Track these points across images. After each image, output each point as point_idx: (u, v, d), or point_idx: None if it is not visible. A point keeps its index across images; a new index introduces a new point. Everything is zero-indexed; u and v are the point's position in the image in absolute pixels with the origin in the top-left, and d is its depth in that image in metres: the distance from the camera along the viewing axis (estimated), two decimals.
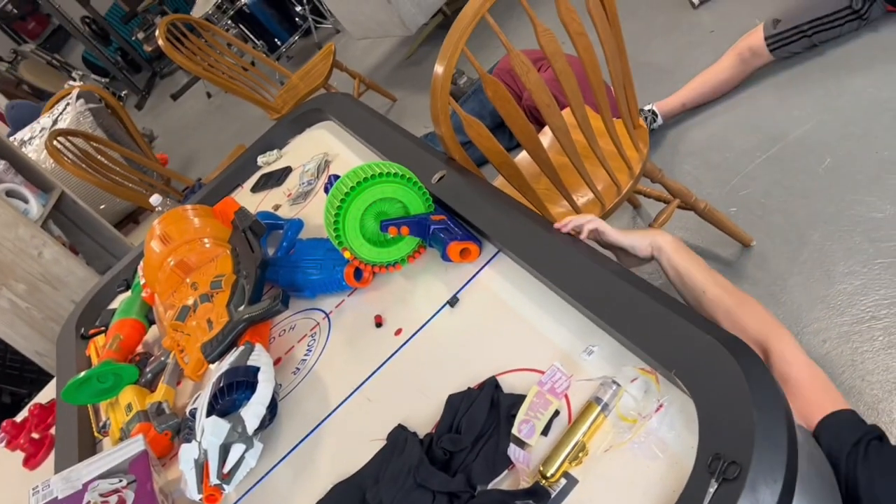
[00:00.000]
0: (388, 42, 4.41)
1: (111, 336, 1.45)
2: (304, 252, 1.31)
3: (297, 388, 1.15)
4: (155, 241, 1.37)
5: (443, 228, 1.14)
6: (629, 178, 1.57)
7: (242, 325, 1.19)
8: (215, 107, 5.89)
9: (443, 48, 1.25)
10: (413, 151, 1.39)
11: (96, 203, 3.74)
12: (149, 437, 1.18)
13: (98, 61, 7.51)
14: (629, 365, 0.81)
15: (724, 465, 0.64)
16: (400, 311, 1.14)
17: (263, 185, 1.79)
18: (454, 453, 0.85)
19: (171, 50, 3.24)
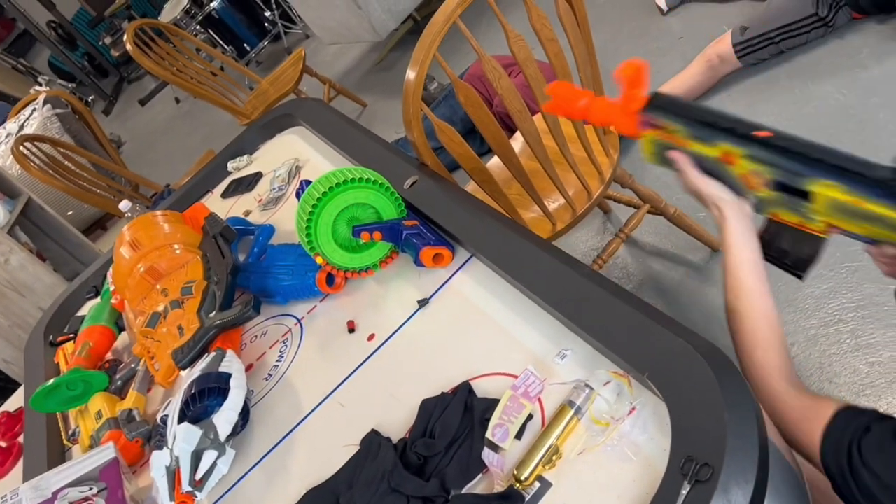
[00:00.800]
0: (358, 47, 4.40)
1: (80, 343, 1.43)
2: (276, 258, 1.30)
3: (269, 394, 1.14)
4: (124, 247, 1.35)
5: (415, 233, 1.14)
6: (599, 183, 1.58)
7: (213, 331, 1.18)
8: (184, 112, 5.83)
9: (415, 53, 1.26)
10: (385, 157, 1.39)
11: (64, 209, 3.68)
12: (119, 444, 1.16)
13: (65, 66, 7.38)
14: (602, 368, 0.81)
15: (696, 468, 0.65)
16: (372, 317, 1.14)
17: (234, 190, 1.78)
18: (428, 458, 0.85)
19: (139, 55, 3.20)
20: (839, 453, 0.74)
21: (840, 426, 0.76)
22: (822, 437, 0.77)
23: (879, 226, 0.76)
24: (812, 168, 0.79)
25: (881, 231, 0.77)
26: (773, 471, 0.66)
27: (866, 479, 0.71)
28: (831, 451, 0.76)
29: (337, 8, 3.60)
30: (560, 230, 1.57)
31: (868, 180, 0.74)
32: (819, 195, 0.80)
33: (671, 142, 0.92)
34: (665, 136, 0.92)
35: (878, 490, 0.71)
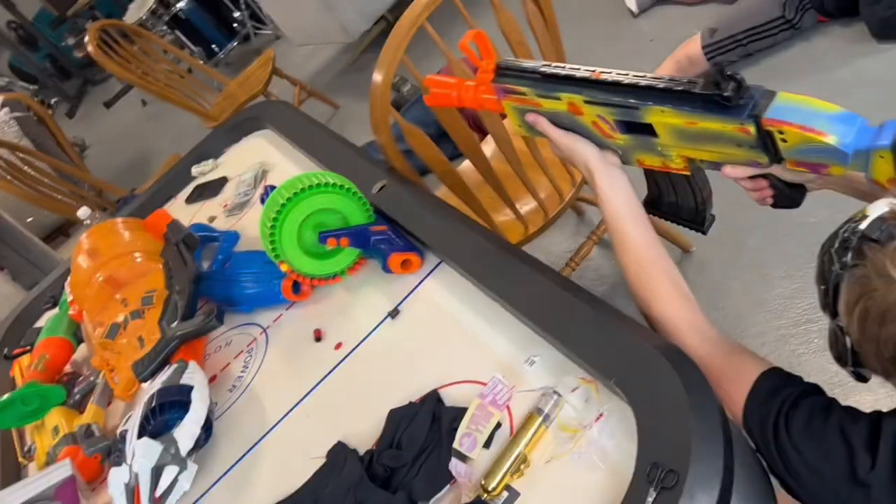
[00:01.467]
0: (330, 49, 4.37)
1: (37, 356, 1.39)
2: (241, 265, 1.27)
3: (233, 407, 1.12)
4: (82, 256, 1.31)
5: (384, 239, 1.12)
6: (571, 185, 1.58)
7: (175, 342, 1.14)
8: (150, 115, 5.74)
9: (381, 57, 1.24)
10: (353, 161, 1.37)
11: (23, 216, 3.59)
12: (77, 460, 1.12)
13: (26, 68, 7.22)
14: (570, 374, 0.81)
15: (662, 474, 0.64)
16: (340, 325, 1.12)
17: (198, 196, 1.74)
18: (395, 469, 0.83)
19: (102, 57, 3.14)
20: (765, 425, 0.73)
21: (765, 394, 0.75)
22: (746, 404, 0.75)
23: (724, 145, 0.75)
24: (641, 97, 0.78)
25: (728, 150, 0.75)
26: (738, 473, 0.66)
27: (794, 460, 0.71)
28: (756, 420, 0.74)
29: (307, 9, 3.56)
30: (532, 233, 1.56)
31: (691, 95, 0.73)
32: (658, 125, 0.79)
33: (527, 105, 0.91)
34: (521, 101, 0.91)
35: (802, 469, 0.70)
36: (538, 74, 0.87)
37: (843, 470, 0.67)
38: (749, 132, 0.70)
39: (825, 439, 0.69)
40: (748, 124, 0.70)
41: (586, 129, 0.88)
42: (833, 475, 0.68)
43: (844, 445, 0.68)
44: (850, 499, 0.67)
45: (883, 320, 0.63)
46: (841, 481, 0.67)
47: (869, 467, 0.65)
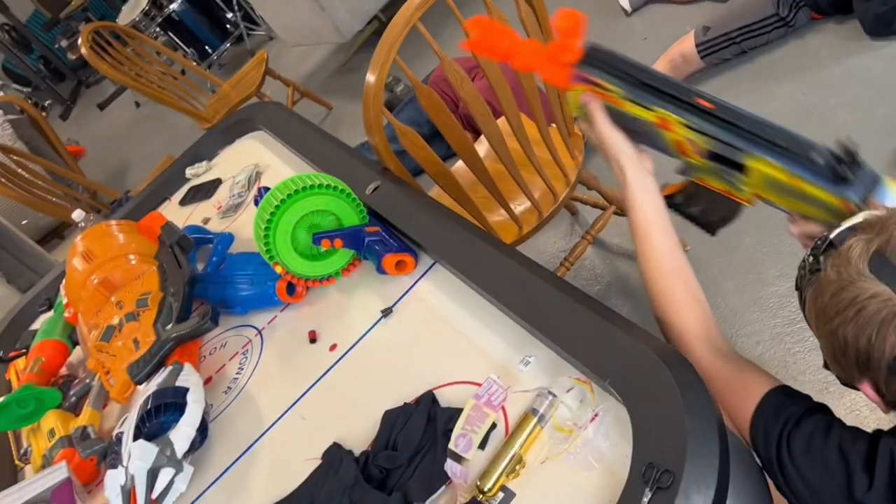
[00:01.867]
0: (323, 49, 4.36)
1: (32, 358, 1.39)
2: (235, 267, 1.27)
3: (228, 408, 1.12)
4: (77, 259, 1.31)
5: (377, 240, 1.12)
6: (565, 185, 1.58)
7: (170, 344, 1.14)
8: (144, 116, 5.73)
9: (374, 58, 1.24)
10: (347, 161, 1.37)
11: (17, 218, 3.58)
12: (73, 463, 1.12)
13: (19, 70, 7.20)
14: (565, 375, 0.81)
15: (657, 474, 0.64)
16: (335, 326, 1.12)
17: (192, 197, 1.74)
18: (391, 471, 0.83)
19: (95, 59, 3.13)
20: (769, 442, 0.74)
21: (770, 412, 0.76)
22: (752, 420, 0.77)
23: (810, 205, 0.76)
24: (754, 144, 0.78)
25: (810, 209, 0.77)
26: (734, 472, 0.66)
27: (793, 478, 0.72)
28: (761, 437, 0.75)
29: (300, 9, 3.56)
30: (526, 233, 1.56)
31: (810, 163, 0.74)
32: (755, 170, 0.79)
33: (605, 100, 0.88)
34: (598, 94, 0.88)
35: (802, 488, 0.71)
36: (636, 80, 0.84)
37: (840, 490, 0.68)
38: (851, 208, 0.72)
39: (824, 459, 0.70)
40: (854, 202, 0.72)
41: (660, 139, 0.86)
42: (830, 494, 0.69)
43: (843, 465, 0.68)
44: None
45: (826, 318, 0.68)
46: (838, 501, 0.68)
47: (866, 488, 0.66)
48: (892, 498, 0.65)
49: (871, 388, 0.68)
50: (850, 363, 0.67)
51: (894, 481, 0.65)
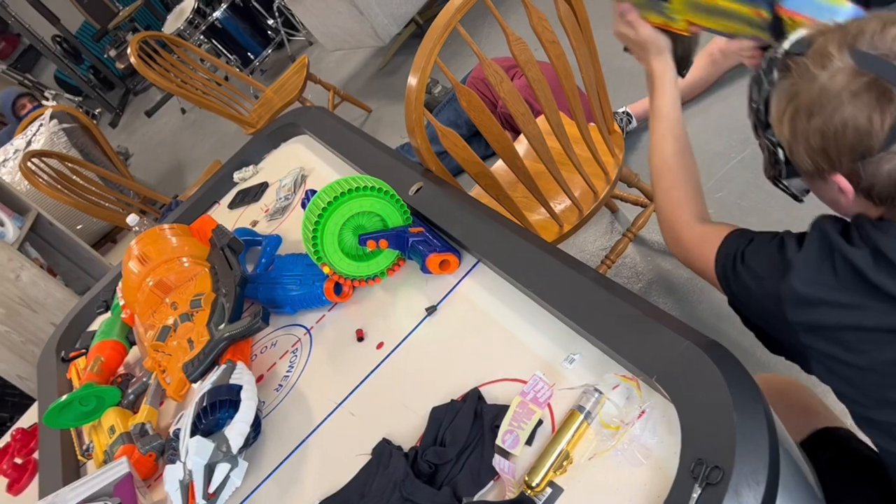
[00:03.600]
0: (361, 53, 4.41)
1: (92, 358, 1.44)
2: (284, 268, 1.31)
3: (280, 405, 1.15)
4: (133, 262, 1.36)
5: (421, 241, 1.14)
6: (605, 183, 1.58)
7: (223, 343, 1.18)
8: (190, 122, 5.86)
9: (415, 60, 1.26)
10: (389, 164, 1.39)
11: (73, 223, 3.70)
12: (133, 458, 1.17)
13: (70, 80, 7.43)
14: (610, 372, 0.81)
15: (706, 470, 0.65)
16: (381, 325, 1.14)
17: (240, 201, 1.78)
18: (439, 466, 0.85)
19: (143, 67, 3.22)
20: (726, 264, 0.85)
21: (730, 243, 0.87)
22: (716, 254, 0.88)
23: (734, 21, 0.81)
24: None
25: (736, 26, 0.82)
26: (783, 470, 0.66)
27: (742, 275, 0.82)
28: (721, 264, 0.87)
29: (339, 14, 3.61)
30: (567, 231, 1.57)
31: None
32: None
33: None
34: None
35: (749, 281, 0.82)
36: None
37: (778, 264, 0.78)
38: (763, 16, 0.77)
39: (768, 249, 0.81)
40: (764, 10, 0.77)
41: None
42: (770, 273, 0.79)
43: (780, 243, 0.79)
44: (778, 287, 0.77)
45: (810, 114, 0.73)
46: (775, 273, 0.77)
47: (796, 249, 0.77)
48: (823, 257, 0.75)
49: (845, 179, 0.74)
50: (843, 149, 0.72)
51: (825, 242, 0.75)
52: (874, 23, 0.71)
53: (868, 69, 0.69)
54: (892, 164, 0.71)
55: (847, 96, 0.70)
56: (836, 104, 0.70)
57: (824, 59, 0.72)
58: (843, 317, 0.74)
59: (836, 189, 0.76)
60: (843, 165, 0.73)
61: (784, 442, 0.70)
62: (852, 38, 0.70)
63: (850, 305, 0.73)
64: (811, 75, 0.72)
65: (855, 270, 0.73)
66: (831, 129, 0.72)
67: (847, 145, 0.72)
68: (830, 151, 0.73)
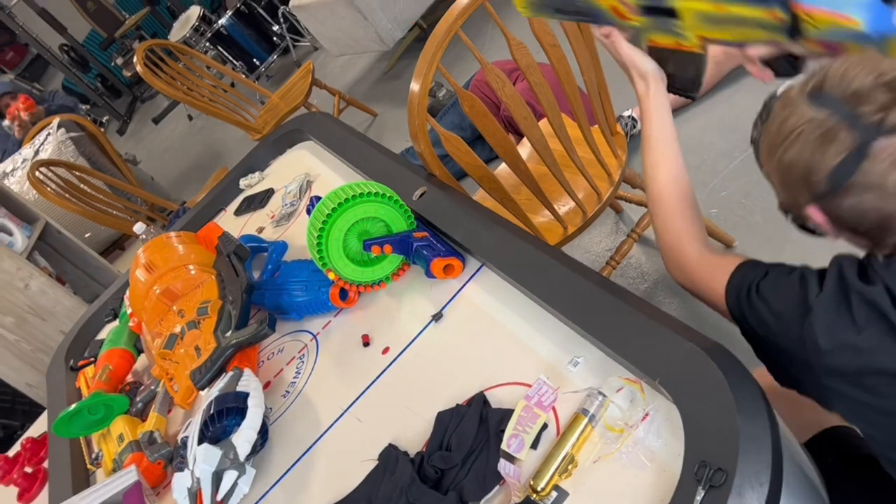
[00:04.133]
0: (366, 57, 4.42)
1: (100, 367, 1.45)
2: (290, 274, 1.31)
3: (287, 412, 1.15)
4: (140, 270, 1.37)
5: (425, 245, 1.15)
6: (609, 185, 1.58)
7: (230, 350, 1.19)
8: (197, 129, 5.88)
9: (417, 66, 1.26)
10: (393, 169, 1.39)
11: (81, 231, 3.71)
12: (141, 467, 1.17)
13: (78, 88, 7.47)
14: (614, 375, 0.82)
15: (710, 473, 0.65)
16: (386, 330, 1.14)
17: (246, 207, 1.79)
18: (445, 471, 0.85)
19: (149, 75, 3.24)
20: (740, 295, 0.83)
21: (742, 274, 0.85)
22: (727, 285, 0.86)
23: (746, 27, 0.79)
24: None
25: (748, 32, 0.80)
26: (787, 471, 0.66)
27: (759, 308, 0.81)
28: (734, 295, 0.85)
29: (343, 20, 3.62)
30: (571, 233, 1.57)
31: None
32: (684, 10, 0.83)
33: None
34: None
35: (768, 315, 0.80)
36: None
37: (798, 303, 0.76)
38: (779, 17, 0.75)
39: (787, 285, 0.79)
40: (779, 10, 0.74)
41: (600, 13, 0.92)
42: (790, 312, 0.77)
43: (800, 283, 0.78)
44: (800, 329, 0.75)
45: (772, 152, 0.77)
46: (795, 314, 0.76)
47: (817, 293, 0.75)
48: (840, 300, 0.74)
49: (819, 211, 0.76)
50: (797, 184, 0.75)
51: (843, 283, 0.74)
52: (839, 66, 0.72)
53: (820, 108, 0.71)
54: (853, 198, 0.71)
55: (794, 136, 0.73)
56: (787, 143, 0.74)
57: (787, 102, 0.75)
58: (864, 361, 0.72)
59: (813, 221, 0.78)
60: (808, 199, 0.76)
61: (787, 443, 0.70)
62: (817, 80, 0.73)
63: (871, 349, 0.72)
64: (776, 116, 0.76)
65: (874, 309, 0.72)
66: (784, 167, 0.75)
67: (798, 181, 0.75)
68: (790, 186, 0.77)
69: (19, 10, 6.52)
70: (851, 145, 0.69)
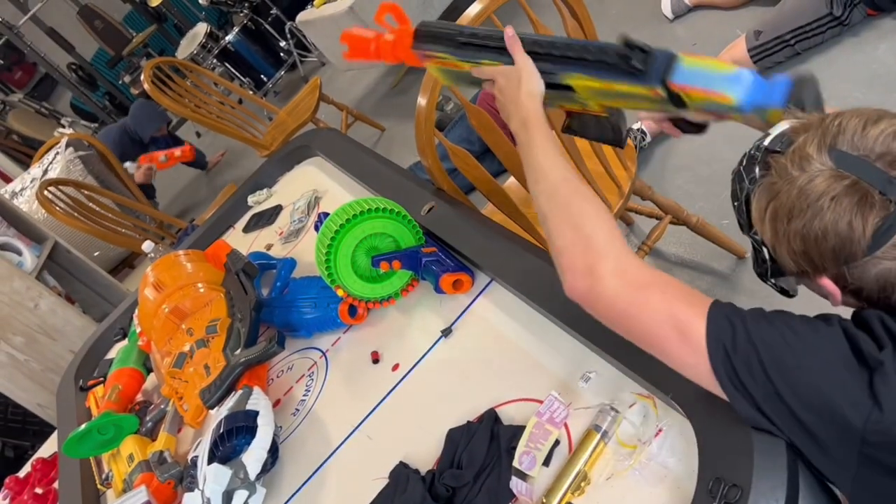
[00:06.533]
0: (373, 72, 4.44)
1: (110, 386, 1.45)
2: (298, 291, 1.31)
3: (297, 430, 1.15)
4: (148, 289, 1.37)
5: (434, 260, 1.14)
6: (619, 197, 1.57)
7: (239, 368, 1.18)
8: (206, 145, 5.91)
9: (424, 80, 1.27)
10: (401, 184, 1.39)
11: (90, 250, 3.73)
12: (152, 487, 1.17)
13: (86, 107, 7.53)
14: (626, 390, 0.81)
15: (725, 489, 0.64)
16: (396, 346, 1.14)
17: (255, 224, 1.80)
18: (457, 489, 0.85)
19: (157, 93, 3.26)
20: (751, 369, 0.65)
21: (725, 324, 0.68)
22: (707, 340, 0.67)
23: (636, 100, 0.81)
24: (561, 66, 0.85)
25: (639, 103, 0.82)
26: (803, 488, 0.65)
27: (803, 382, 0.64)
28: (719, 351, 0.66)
29: None
30: None
31: (607, 66, 0.80)
32: (577, 86, 0.85)
33: (449, 67, 0.96)
34: (444, 64, 0.96)
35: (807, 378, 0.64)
36: (457, 42, 0.93)
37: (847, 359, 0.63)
38: (659, 94, 0.77)
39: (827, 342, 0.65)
40: (658, 88, 0.77)
41: None
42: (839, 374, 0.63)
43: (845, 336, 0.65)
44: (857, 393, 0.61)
45: (790, 216, 0.69)
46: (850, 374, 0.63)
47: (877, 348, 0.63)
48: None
49: (831, 281, 0.70)
50: (826, 254, 0.68)
51: None
52: (854, 121, 0.68)
53: (848, 171, 0.66)
54: (879, 267, 0.66)
55: (827, 201, 0.66)
56: (815, 209, 0.67)
57: (803, 161, 0.68)
58: None
59: (824, 291, 0.72)
60: (828, 270, 0.69)
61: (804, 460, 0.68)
62: (832, 137, 0.67)
63: None
64: (790, 177, 0.68)
65: None
66: (812, 235, 0.68)
67: (829, 250, 0.68)
68: (813, 256, 0.69)
69: (27, 29, 6.59)
70: (889, 210, 0.64)
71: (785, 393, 0.64)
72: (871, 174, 0.65)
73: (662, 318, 0.70)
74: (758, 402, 0.65)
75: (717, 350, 0.67)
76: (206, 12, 6.29)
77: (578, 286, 0.75)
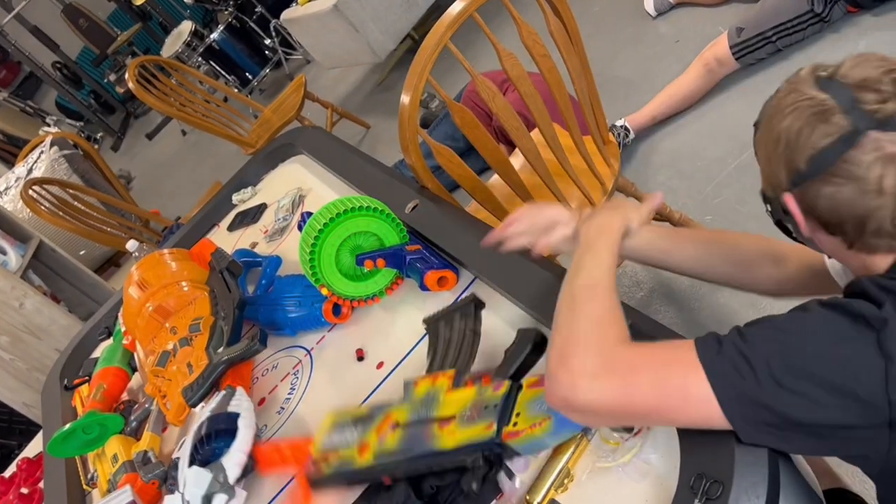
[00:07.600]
0: (358, 70, 4.43)
1: (95, 385, 1.44)
2: (283, 289, 1.31)
3: (282, 428, 1.14)
4: (133, 288, 1.36)
5: (419, 258, 1.14)
6: (602, 194, 1.58)
7: (222, 367, 1.18)
8: (191, 144, 5.88)
9: (407, 79, 1.26)
10: (385, 182, 1.39)
11: (75, 249, 3.71)
12: (136, 487, 1.16)
13: (71, 105, 7.47)
14: None
15: (706, 485, 0.64)
16: (381, 344, 1.14)
17: (239, 223, 1.79)
18: (441, 487, 0.84)
19: (141, 92, 3.23)
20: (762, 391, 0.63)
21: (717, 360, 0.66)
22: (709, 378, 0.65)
23: None
24: None
25: None
26: (784, 482, 0.65)
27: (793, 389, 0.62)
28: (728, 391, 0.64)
29: (335, 32, 3.62)
30: None
31: None
32: None
33: None
34: None
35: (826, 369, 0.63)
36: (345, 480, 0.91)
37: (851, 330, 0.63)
38: None
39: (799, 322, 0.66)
40: None
41: None
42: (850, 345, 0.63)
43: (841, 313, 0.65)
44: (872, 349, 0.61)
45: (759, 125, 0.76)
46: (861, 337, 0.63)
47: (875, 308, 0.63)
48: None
49: (794, 200, 0.73)
50: (779, 159, 0.72)
51: None
52: (854, 58, 0.72)
53: (824, 90, 0.70)
54: (828, 189, 0.69)
55: (789, 108, 0.71)
56: (780, 117, 0.72)
57: (796, 80, 0.73)
58: None
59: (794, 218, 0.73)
60: (783, 183, 0.73)
61: (785, 455, 0.69)
62: (831, 68, 0.72)
63: None
64: (780, 92, 0.75)
65: None
66: (772, 137, 0.73)
67: (782, 156, 0.72)
68: (773, 161, 0.74)
69: (11, 28, 6.53)
70: (843, 130, 0.67)
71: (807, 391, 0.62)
72: (841, 96, 0.68)
73: (658, 394, 0.67)
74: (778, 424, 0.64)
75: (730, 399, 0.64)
76: (190, 10, 6.24)
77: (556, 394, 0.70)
